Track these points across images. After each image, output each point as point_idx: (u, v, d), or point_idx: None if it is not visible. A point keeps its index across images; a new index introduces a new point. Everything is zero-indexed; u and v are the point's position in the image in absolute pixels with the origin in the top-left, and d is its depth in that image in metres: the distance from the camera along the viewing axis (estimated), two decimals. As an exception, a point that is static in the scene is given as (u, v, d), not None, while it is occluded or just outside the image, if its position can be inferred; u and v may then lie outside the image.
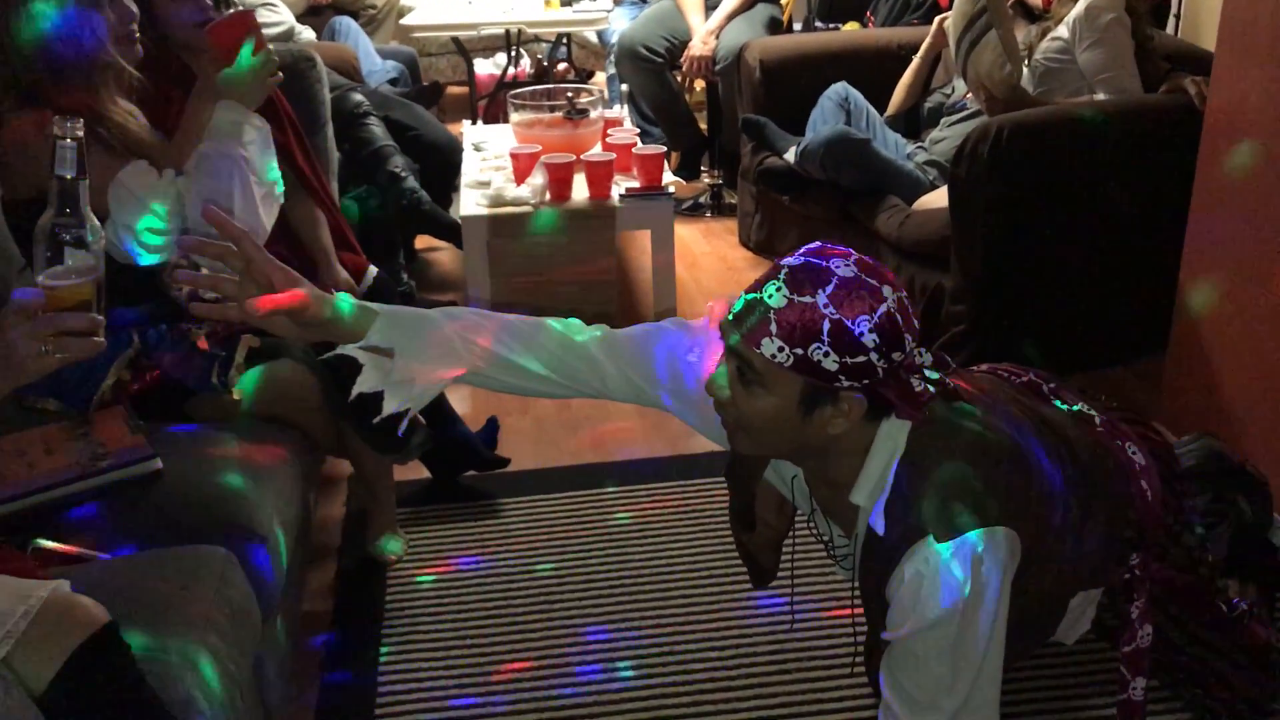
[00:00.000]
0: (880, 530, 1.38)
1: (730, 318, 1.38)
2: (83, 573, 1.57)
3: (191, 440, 1.97)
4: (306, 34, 4.43)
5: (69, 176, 1.27)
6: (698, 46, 4.51)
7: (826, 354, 1.31)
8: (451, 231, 3.67)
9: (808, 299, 1.32)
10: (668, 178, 3.61)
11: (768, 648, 2.14)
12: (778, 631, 2.16)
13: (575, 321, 1.56)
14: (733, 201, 4.70)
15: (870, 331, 1.31)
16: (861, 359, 1.32)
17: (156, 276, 2.16)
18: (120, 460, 1.79)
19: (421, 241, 4.18)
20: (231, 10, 2.27)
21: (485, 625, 2.25)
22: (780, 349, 1.32)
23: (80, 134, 1.27)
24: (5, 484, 1.73)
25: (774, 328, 1.32)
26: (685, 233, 4.39)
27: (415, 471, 2.72)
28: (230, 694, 1.50)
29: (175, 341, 2.10)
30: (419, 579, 2.41)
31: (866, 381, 1.33)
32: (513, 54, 5.74)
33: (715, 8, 4.61)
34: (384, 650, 2.19)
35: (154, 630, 1.47)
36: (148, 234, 2.04)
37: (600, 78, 6.39)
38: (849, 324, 1.31)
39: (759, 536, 1.71)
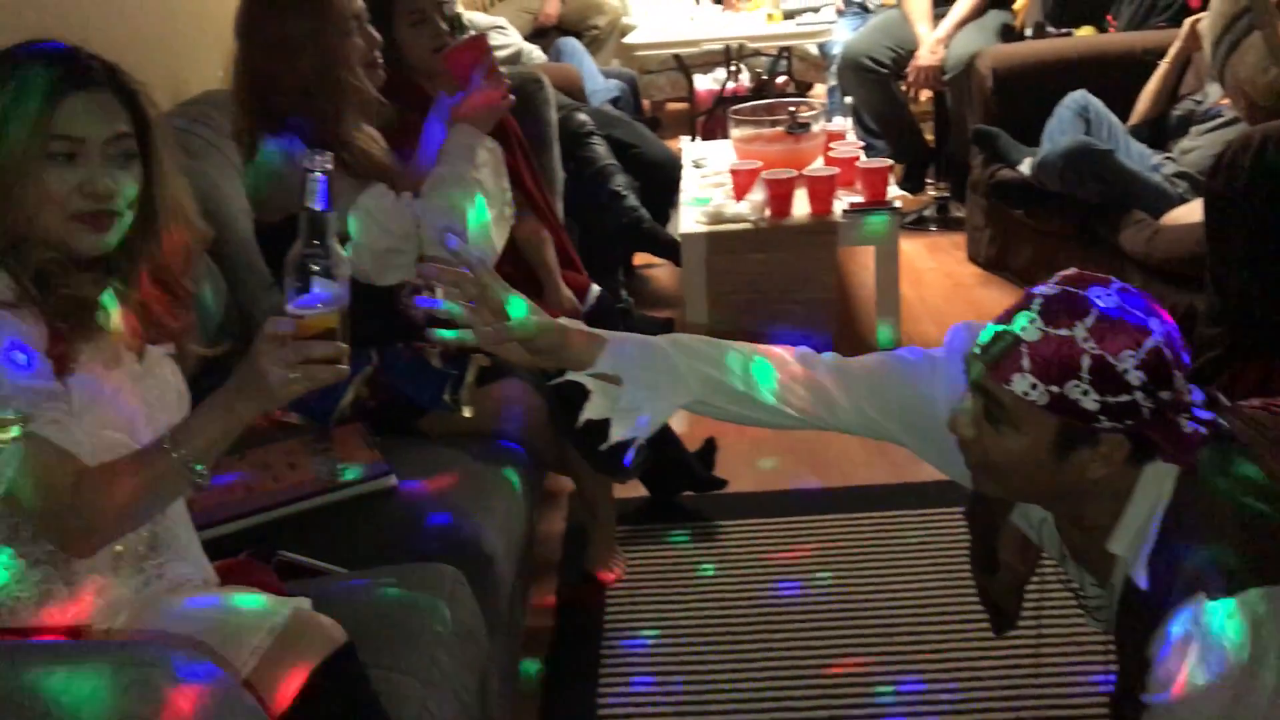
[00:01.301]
0: (1143, 584, 1.26)
1: (977, 350, 1.29)
2: (320, 586, 1.62)
3: (423, 457, 2.02)
4: (535, 55, 4.53)
5: (318, 209, 1.31)
6: (925, 56, 4.37)
7: (1086, 392, 1.21)
8: (670, 249, 3.67)
9: (1064, 332, 1.22)
10: (893, 191, 3.51)
11: (1002, 695, 2.02)
12: (1015, 679, 2.04)
13: (805, 350, 1.51)
14: (959, 215, 4.53)
15: (1136, 369, 1.21)
16: (1125, 398, 1.21)
17: (393, 296, 2.23)
18: (358, 476, 1.84)
19: (639, 258, 4.20)
20: (466, 36, 2.32)
21: (704, 650, 2.22)
22: (1033, 386, 1.23)
23: (330, 167, 1.31)
24: (252, 496, 1.81)
25: (1026, 363, 1.23)
26: (909, 248, 4.25)
27: (633, 490, 2.72)
28: (457, 714, 1.51)
29: (410, 360, 2.16)
30: (637, 599, 2.40)
31: (1130, 422, 1.23)
32: (732, 69, 5.72)
33: (943, 16, 4.46)
34: (604, 670, 2.19)
35: (385, 648, 1.49)
36: (386, 255, 2.10)
37: (819, 90, 6.30)
38: (1112, 360, 1.21)
39: (1000, 580, 1.61)
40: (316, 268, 1.30)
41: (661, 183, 3.91)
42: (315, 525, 1.82)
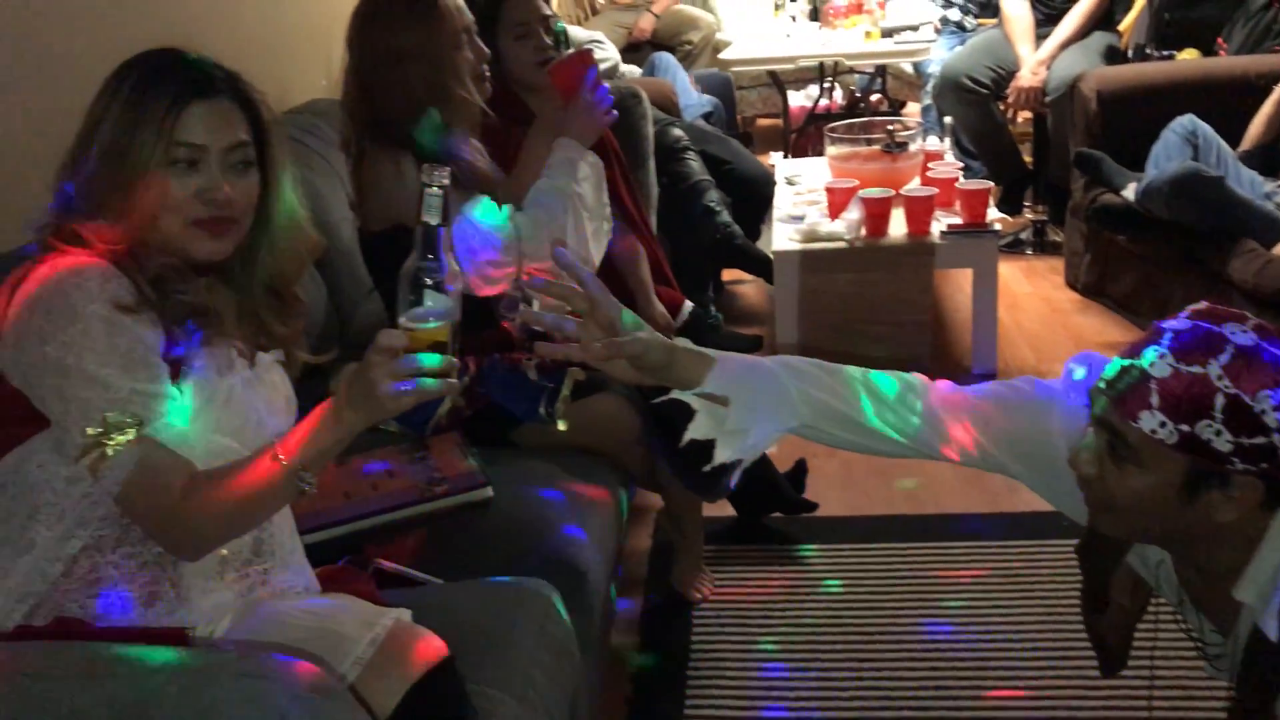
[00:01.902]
0: (1273, 635, 1.21)
1: (1102, 384, 1.25)
2: (416, 596, 1.63)
3: (520, 469, 2.02)
4: (632, 70, 4.53)
5: (433, 223, 1.31)
6: (1027, 77, 4.29)
7: (1219, 432, 1.17)
8: (762, 266, 3.64)
9: (1197, 369, 1.18)
10: (992, 214, 3.45)
11: (1102, 735, 1.96)
12: (1117, 721, 1.98)
13: (916, 377, 1.47)
14: (1057, 239, 4.44)
15: (1275, 409, 1.15)
16: (1261, 440, 1.16)
17: (493, 307, 2.24)
18: (455, 487, 1.85)
19: (728, 273, 4.18)
20: (571, 50, 2.32)
21: (792, 676, 2.18)
22: (1162, 424, 1.18)
23: (446, 182, 1.31)
24: (352, 502, 1.82)
25: (1155, 400, 1.19)
26: (1005, 271, 4.15)
27: (721, 509, 2.69)
28: (550, 731, 1.50)
29: (507, 371, 2.17)
30: (724, 620, 2.37)
31: (1265, 465, 1.18)
32: (826, 85, 5.68)
33: (1046, 36, 4.38)
34: (690, 690, 2.17)
35: (481, 663, 1.49)
36: (488, 266, 2.10)
37: (913, 108, 6.23)
38: (1248, 400, 1.16)
39: (1109, 620, 1.55)
40: (429, 281, 1.30)
41: (754, 199, 3.89)
42: (412, 533, 1.82)
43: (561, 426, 2.10)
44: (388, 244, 2.18)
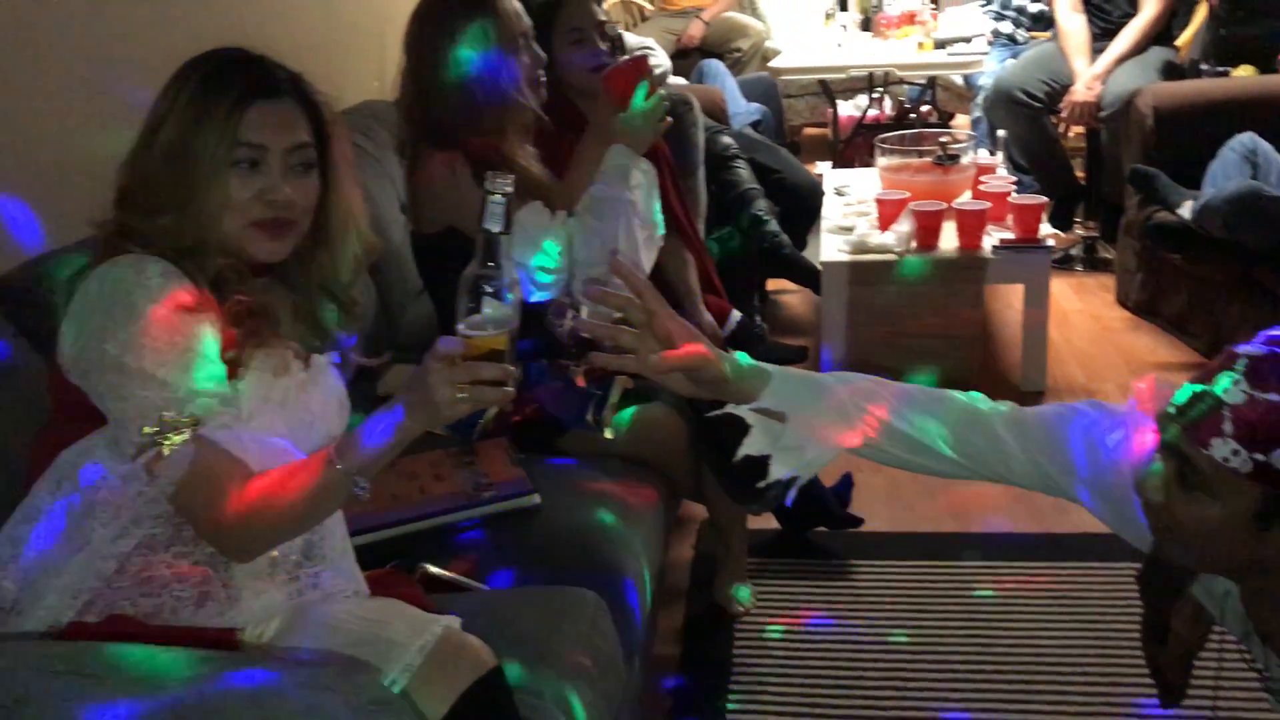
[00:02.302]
0: (1345, 672, 1.18)
1: (1172, 410, 1.22)
2: (464, 601, 1.62)
3: (566, 476, 2.01)
4: (677, 80, 4.52)
5: (494, 231, 1.30)
6: (1081, 91, 4.24)
7: (1295, 462, 1.13)
8: (809, 276, 3.61)
9: (1274, 396, 1.14)
10: (1044, 229, 3.40)
11: (1153, 765, 1.92)
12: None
13: (978, 395, 1.44)
14: (1107, 256, 4.39)
15: (1354, 441, 1.12)
16: (1339, 472, 1.13)
17: (541, 312, 2.23)
18: (502, 492, 1.84)
19: (773, 283, 4.16)
20: (626, 56, 2.31)
21: (835, 693, 2.16)
22: (1235, 452, 1.15)
23: (510, 190, 1.30)
24: (398, 505, 1.82)
25: (1228, 427, 1.15)
26: (1055, 287, 4.06)
27: (765, 521, 2.67)
28: (595, 743, 1.49)
29: (555, 377, 2.16)
30: (767, 633, 2.35)
31: (1342, 498, 1.14)
32: (875, 96, 5.64)
33: (1102, 50, 4.32)
34: (731, 705, 2.15)
35: (527, 670, 1.48)
36: (540, 272, 2.10)
37: (961, 120, 6.17)
38: (1326, 430, 1.12)
39: (1168, 650, 1.51)
40: (489, 289, 1.29)
41: (802, 209, 3.86)
42: (460, 539, 1.81)
43: (608, 434, 2.08)
44: (440, 247, 2.18)
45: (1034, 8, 5.83)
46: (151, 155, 1.36)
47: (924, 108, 5.76)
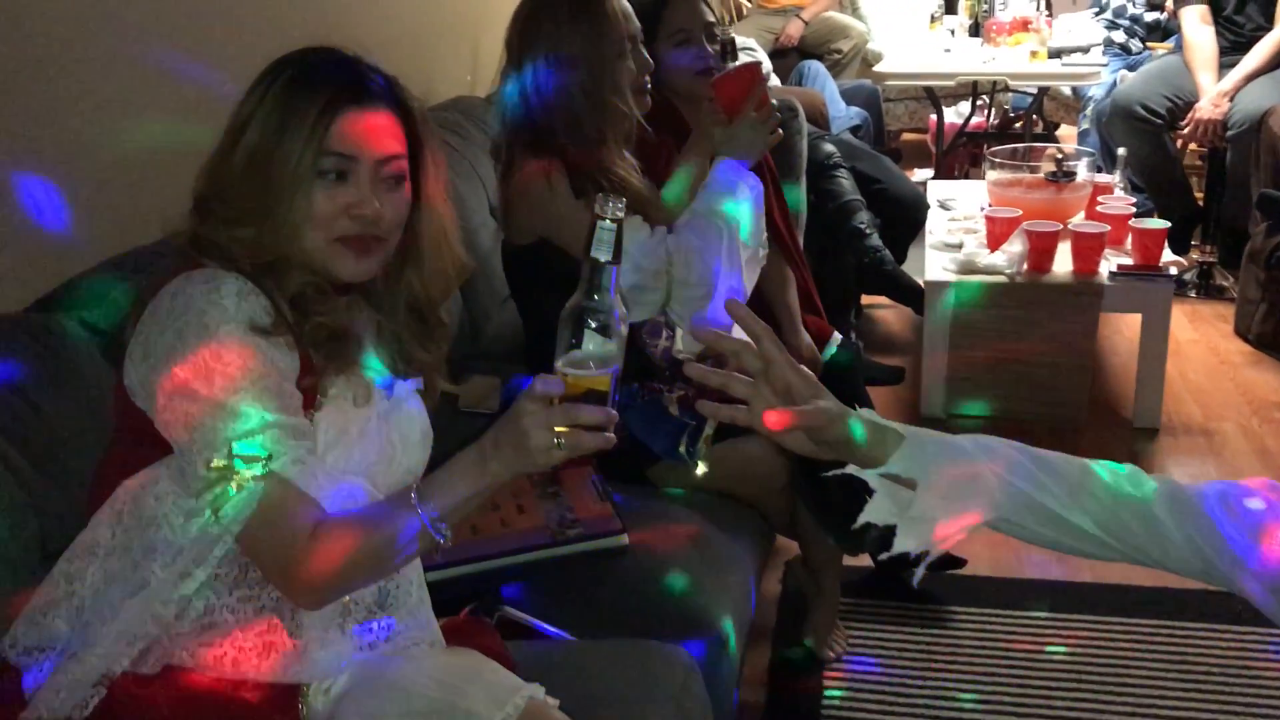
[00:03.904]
0: None
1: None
2: (545, 654, 1.50)
3: (654, 512, 1.88)
4: (776, 83, 4.36)
5: (602, 260, 1.17)
6: (1207, 109, 4.00)
7: None
8: (911, 295, 3.44)
9: None
10: (1167, 256, 3.19)
11: None
12: None
13: (1130, 469, 1.28)
14: (1224, 284, 4.15)
15: None
16: None
17: (634, 333, 2.10)
18: (589, 531, 1.71)
19: (868, 296, 3.98)
20: (738, 63, 2.16)
21: (932, 756, 2.01)
22: None
23: (621, 215, 1.17)
24: (479, 538, 1.70)
25: None
26: (1169, 315, 3.89)
27: (858, 558, 2.51)
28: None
29: (646, 403, 2.03)
30: (858, 682, 2.20)
31: None
32: (980, 103, 5.43)
33: (1231, 66, 4.07)
34: (819, 761, 2.01)
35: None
36: (635, 291, 1.97)
37: (1066, 130, 5.92)
38: None
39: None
40: (594, 324, 1.16)
41: (905, 222, 3.69)
42: (540, 578, 1.69)
43: (701, 469, 1.94)
44: (532, 259, 2.06)
45: (1150, 17, 5.57)
46: (232, 162, 1.25)
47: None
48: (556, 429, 1.14)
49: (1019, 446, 1.25)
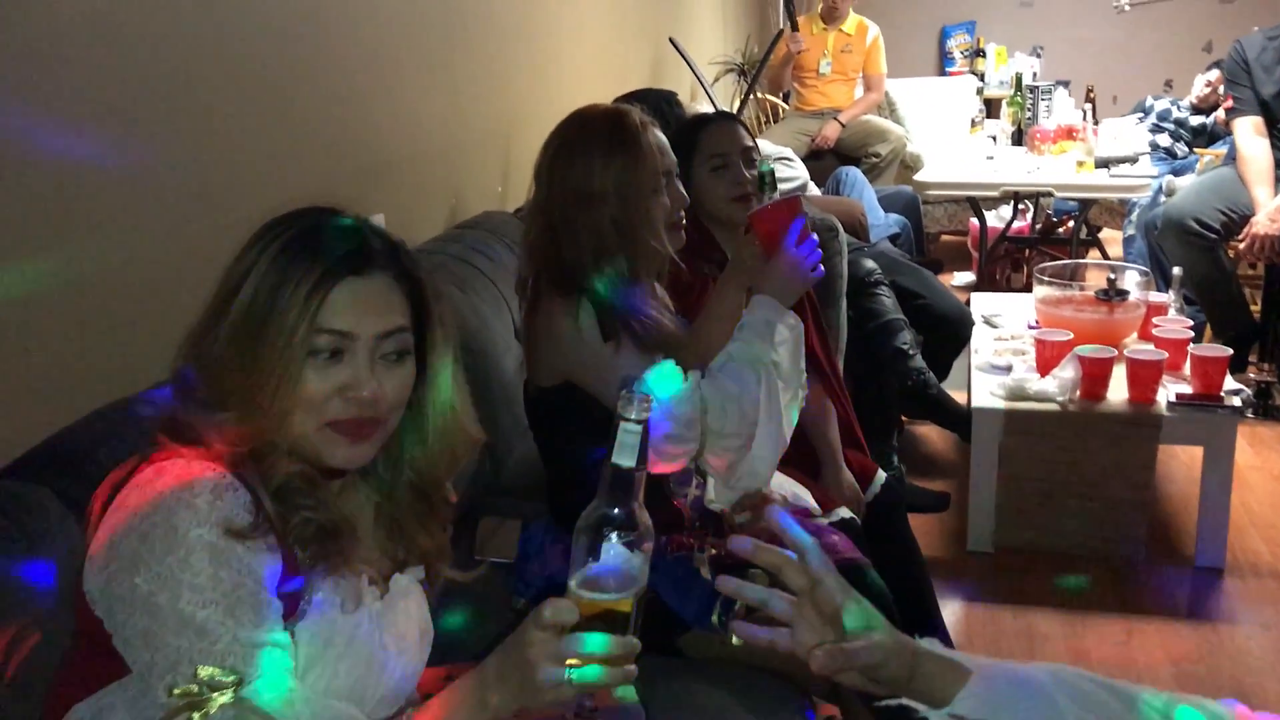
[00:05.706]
0: None
1: None
2: None
3: (683, 688, 1.71)
4: (812, 188, 4.25)
5: (625, 466, 1.02)
6: (1264, 223, 3.85)
7: None
8: (959, 422, 3.28)
9: None
10: (1229, 385, 3.01)
11: None
12: None
13: (1241, 709, 1.11)
14: (1286, 405, 3.96)
15: None
16: None
17: (662, 481, 1.95)
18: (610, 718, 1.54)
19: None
20: (778, 196, 2.03)
21: None
22: None
23: (648, 414, 1.02)
24: None
25: None
26: (1228, 440, 3.69)
27: (903, 718, 2.32)
28: None
29: (675, 561, 1.87)
30: None
31: None
32: (1021, 208, 5.30)
33: (1288, 178, 3.93)
34: None
35: None
36: (665, 442, 1.81)
37: (1109, 234, 5.78)
38: None
39: None
40: (615, 538, 1.01)
41: (949, 338, 3.54)
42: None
43: (736, 641, 1.78)
44: (556, 402, 1.92)
45: (1195, 121, 5.46)
46: (217, 335, 1.12)
47: (1070, 223, 5.41)
48: (568, 661, 0.99)
49: (1101, 680, 1.08)
